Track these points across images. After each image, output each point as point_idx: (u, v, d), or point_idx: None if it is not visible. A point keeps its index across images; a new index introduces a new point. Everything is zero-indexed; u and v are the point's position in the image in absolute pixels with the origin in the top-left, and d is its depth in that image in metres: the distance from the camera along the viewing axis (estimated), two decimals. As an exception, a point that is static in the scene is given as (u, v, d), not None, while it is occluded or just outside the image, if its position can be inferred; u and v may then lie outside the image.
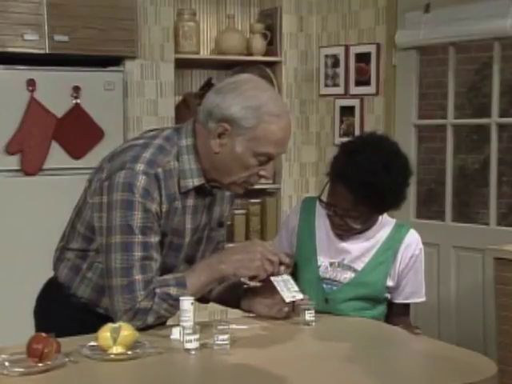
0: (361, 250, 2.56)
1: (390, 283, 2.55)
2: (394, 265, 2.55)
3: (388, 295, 2.58)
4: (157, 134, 2.29)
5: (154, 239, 2.19)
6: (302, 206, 2.71)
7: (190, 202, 2.26)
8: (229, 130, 2.16)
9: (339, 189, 2.46)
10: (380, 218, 2.58)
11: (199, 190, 2.26)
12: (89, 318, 2.22)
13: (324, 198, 2.55)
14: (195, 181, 2.23)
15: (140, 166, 2.15)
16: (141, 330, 2.12)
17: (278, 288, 2.30)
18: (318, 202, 2.59)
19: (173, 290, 2.18)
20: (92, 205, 2.22)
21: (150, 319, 2.18)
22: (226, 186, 2.28)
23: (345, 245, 2.57)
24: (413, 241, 2.58)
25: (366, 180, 2.39)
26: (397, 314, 2.60)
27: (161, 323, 2.25)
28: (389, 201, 2.48)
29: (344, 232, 2.55)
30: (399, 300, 2.60)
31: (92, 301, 2.30)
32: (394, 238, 2.57)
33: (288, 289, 2.31)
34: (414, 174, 2.57)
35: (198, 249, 2.36)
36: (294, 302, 2.35)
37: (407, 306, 2.64)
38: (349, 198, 2.43)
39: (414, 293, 2.59)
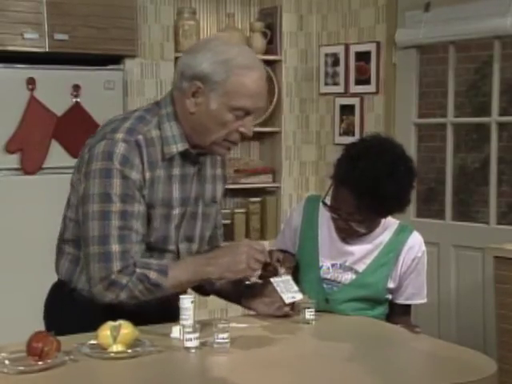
0: (363, 251, 2.55)
1: (391, 285, 2.54)
2: (396, 267, 2.53)
3: (389, 296, 2.57)
4: (137, 108, 2.34)
5: (136, 208, 2.17)
6: (304, 206, 2.69)
7: (177, 170, 2.25)
8: (202, 88, 2.16)
9: (343, 194, 2.44)
10: (383, 219, 2.56)
11: (185, 158, 2.26)
12: (94, 312, 2.17)
13: (328, 200, 2.54)
14: (179, 146, 2.23)
15: (120, 135, 2.17)
16: (140, 328, 2.10)
17: (278, 289, 2.30)
18: (321, 204, 2.57)
19: (152, 274, 2.15)
20: (76, 182, 2.24)
21: (123, 296, 2.15)
22: (208, 149, 2.26)
23: (347, 246, 2.56)
24: (415, 243, 2.56)
25: (369, 187, 2.36)
26: (398, 313, 2.59)
27: (159, 322, 2.24)
28: (393, 206, 2.47)
29: (349, 235, 2.54)
30: (400, 301, 2.58)
31: None
32: (396, 239, 2.56)
33: (288, 290, 2.31)
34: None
35: (194, 225, 2.34)
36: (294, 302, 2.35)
37: (408, 306, 2.63)
38: (353, 203, 2.42)
39: (415, 294, 2.58)
